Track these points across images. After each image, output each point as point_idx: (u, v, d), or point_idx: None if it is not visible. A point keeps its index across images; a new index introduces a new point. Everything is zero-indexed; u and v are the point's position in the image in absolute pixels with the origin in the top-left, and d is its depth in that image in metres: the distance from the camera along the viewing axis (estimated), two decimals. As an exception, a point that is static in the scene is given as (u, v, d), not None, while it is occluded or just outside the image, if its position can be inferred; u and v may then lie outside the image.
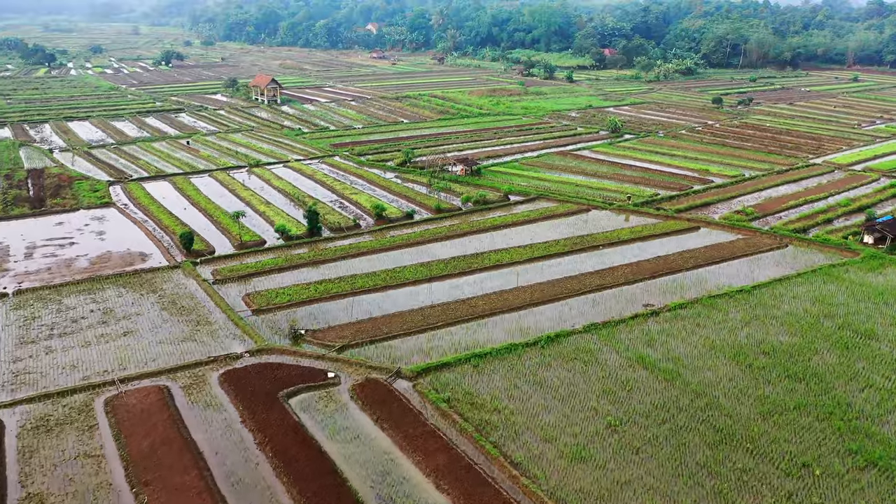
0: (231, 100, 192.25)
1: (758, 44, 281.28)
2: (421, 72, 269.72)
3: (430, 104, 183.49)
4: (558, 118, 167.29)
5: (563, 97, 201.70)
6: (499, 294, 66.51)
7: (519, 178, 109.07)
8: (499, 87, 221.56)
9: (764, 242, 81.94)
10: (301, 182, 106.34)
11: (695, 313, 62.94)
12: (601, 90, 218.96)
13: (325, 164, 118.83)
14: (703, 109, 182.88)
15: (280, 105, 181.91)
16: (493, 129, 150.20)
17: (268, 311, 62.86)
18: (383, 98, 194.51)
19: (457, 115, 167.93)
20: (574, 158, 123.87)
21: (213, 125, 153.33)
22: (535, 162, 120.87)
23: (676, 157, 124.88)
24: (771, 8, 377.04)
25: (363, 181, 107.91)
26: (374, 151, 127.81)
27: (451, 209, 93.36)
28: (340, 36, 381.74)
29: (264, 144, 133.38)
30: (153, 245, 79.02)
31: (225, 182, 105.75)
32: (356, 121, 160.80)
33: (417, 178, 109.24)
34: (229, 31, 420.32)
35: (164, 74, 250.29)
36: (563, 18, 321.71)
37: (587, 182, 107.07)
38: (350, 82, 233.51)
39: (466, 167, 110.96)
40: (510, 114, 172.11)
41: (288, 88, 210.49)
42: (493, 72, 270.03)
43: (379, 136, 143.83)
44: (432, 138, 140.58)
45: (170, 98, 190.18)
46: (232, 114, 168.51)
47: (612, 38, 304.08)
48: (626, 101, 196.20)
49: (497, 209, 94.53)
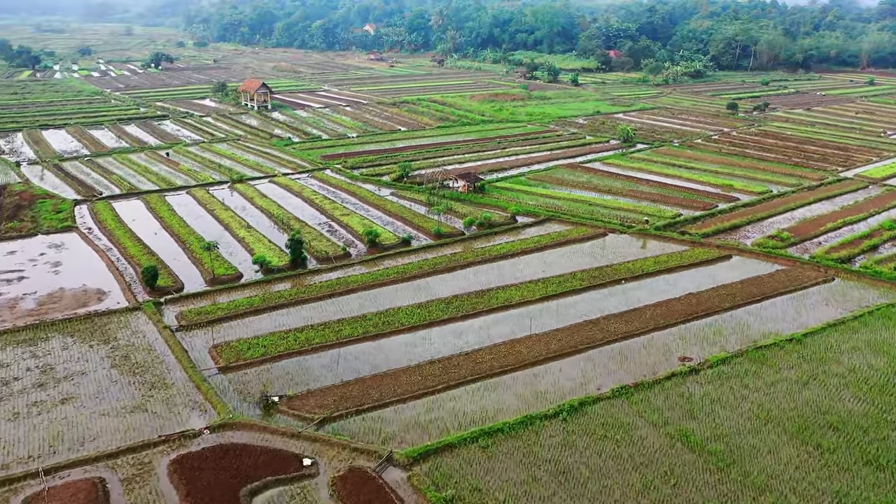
0: (220, 105, 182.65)
1: (768, 45, 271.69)
2: (420, 74, 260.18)
3: (429, 110, 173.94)
4: (565, 125, 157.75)
5: (568, 102, 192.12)
6: (509, 345, 56.94)
7: (526, 196, 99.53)
8: (501, 91, 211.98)
9: (807, 275, 72.34)
10: (287, 200, 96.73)
11: (741, 371, 53.35)
12: (608, 94, 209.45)
13: (314, 179, 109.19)
14: (717, 115, 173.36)
15: (271, 111, 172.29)
16: (496, 139, 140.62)
17: (238, 367, 53.26)
18: (380, 103, 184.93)
19: (457, 123, 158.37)
20: (585, 172, 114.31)
21: (197, 134, 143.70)
22: (543, 176, 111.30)
23: (695, 171, 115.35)
24: (779, 8, 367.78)
25: (356, 199, 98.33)
26: (368, 164, 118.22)
27: (452, 233, 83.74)
28: (337, 37, 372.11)
29: (250, 156, 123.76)
30: (114, 280, 69.39)
31: (203, 201, 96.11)
32: (350, 129, 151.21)
33: (415, 195, 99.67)
34: (223, 31, 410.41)
35: (153, 78, 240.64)
36: (566, 19, 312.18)
37: (601, 200, 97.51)
38: (346, 86, 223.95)
39: (469, 183, 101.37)
40: (514, 121, 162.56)
41: (280, 93, 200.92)
42: (494, 74, 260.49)
43: (374, 146, 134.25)
44: (431, 149, 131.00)
45: (155, 104, 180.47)
46: (219, 121, 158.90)
47: (617, 40, 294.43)
48: (636, 106, 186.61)
49: (503, 233, 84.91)
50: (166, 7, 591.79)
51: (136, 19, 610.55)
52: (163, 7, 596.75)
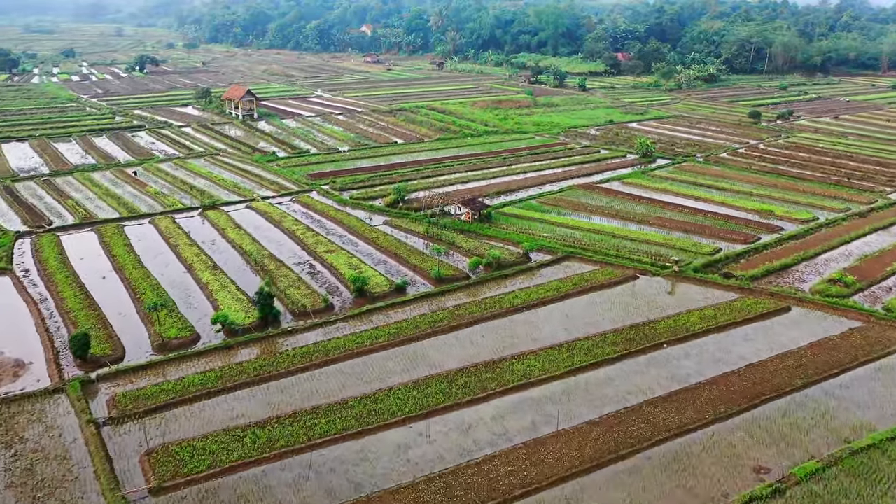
0: (202, 114, 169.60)
1: (784, 48, 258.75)
2: (418, 78, 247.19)
3: (427, 119, 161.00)
4: (576, 137, 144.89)
5: (577, 110, 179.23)
6: (531, 447, 44.07)
7: (539, 225, 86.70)
8: (504, 97, 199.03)
9: (889, 337, 59.51)
10: (264, 232, 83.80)
11: (839, 489, 40.52)
12: (618, 100, 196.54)
13: (298, 204, 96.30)
14: (739, 125, 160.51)
15: (257, 120, 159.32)
16: (502, 153, 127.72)
17: (174, 487, 40.40)
18: (375, 111, 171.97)
19: (459, 134, 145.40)
20: (603, 194, 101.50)
21: (173, 147, 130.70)
22: (557, 199, 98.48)
23: (727, 192, 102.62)
24: (790, 8, 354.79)
25: (343, 229, 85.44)
26: (359, 185, 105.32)
27: (455, 277, 70.84)
28: (333, 38, 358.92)
29: (228, 175, 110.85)
30: (40, 345, 56.50)
31: (167, 232, 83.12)
32: (342, 141, 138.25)
33: (412, 224, 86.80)
34: (215, 32, 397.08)
35: (136, 82, 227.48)
36: (571, 20, 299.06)
37: (626, 231, 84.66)
38: (340, 91, 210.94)
39: (473, 210, 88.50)
40: (520, 132, 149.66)
41: (269, 99, 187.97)
42: (496, 78, 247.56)
43: (367, 161, 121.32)
44: (430, 165, 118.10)
45: (132, 112, 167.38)
46: (199, 132, 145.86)
47: (625, 42, 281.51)
48: (650, 114, 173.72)
49: (516, 276, 72.00)
50: (159, 7, 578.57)
51: (128, 20, 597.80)
52: (155, 7, 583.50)
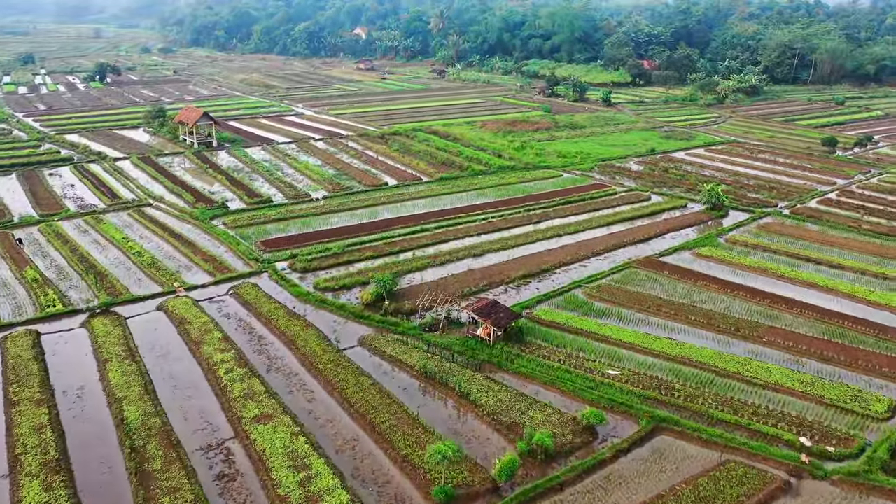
0: (153, 139, 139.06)
1: (831, 54, 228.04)
2: (416, 90, 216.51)
3: (427, 147, 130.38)
4: (614, 173, 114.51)
5: (607, 133, 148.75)
6: None
7: (596, 345, 56.63)
8: (518, 114, 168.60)
9: None
10: (168, 366, 53.42)
11: None
12: (653, 119, 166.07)
13: (236, 301, 65.84)
14: (810, 154, 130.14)
15: (215, 149, 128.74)
16: (524, 202, 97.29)
17: None
18: (364, 136, 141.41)
19: (467, 171, 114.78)
20: (675, 276, 71.14)
21: (96, 193, 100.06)
22: (612, 289, 68.14)
23: (848, 272, 72.72)
24: (823, 8, 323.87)
25: (295, 358, 55.17)
26: (331, 260, 74.81)
27: (471, 494, 40.35)
28: (324, 42, 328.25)
29: (152, 243, 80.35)
30: None
31: (13, 371, 52.70)
32: (318, 181, 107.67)
33: (401, 351, 56.36)
34: (197, 35, 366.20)
35: (89, 96, 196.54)
36: (588, 22, 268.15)
37: (730, 359, 54.45)
38: (324, 106, 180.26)
39: (495, 323, 57.97)
40: (543, 165, 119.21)
41: (240, 118, 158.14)
42: (506, 89, 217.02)
43: (346, 217, 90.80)
44: (430, 223, 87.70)
45: (66, 137, 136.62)
46: (138, 168, 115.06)
47: (649, 47, 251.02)
48: (698, 140, 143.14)
49: (578, 481, 41.58)
50: (142, 7, 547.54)
51: (111, 20, 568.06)
52: (139, 7, 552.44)
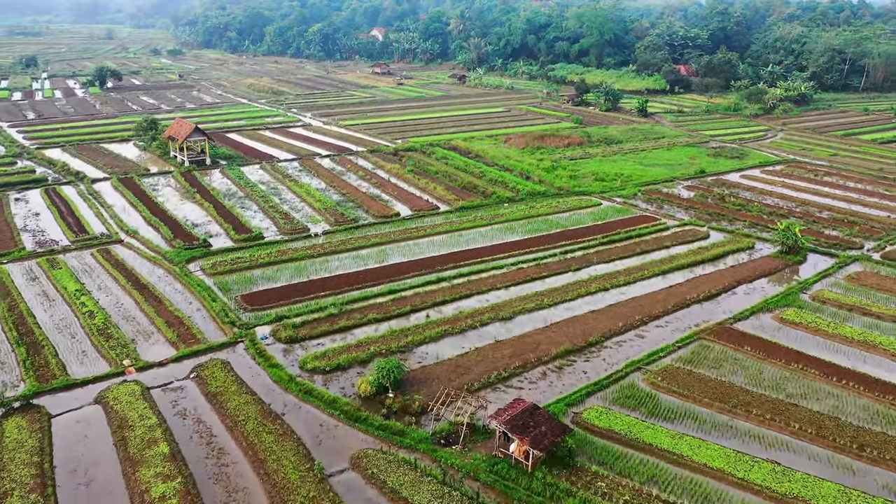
0: (142, 155, 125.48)
1: (885, 59, 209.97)
2: (434, 97, 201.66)
3: (445, 167, 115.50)
4: (661, 201, 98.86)
5: (647, 149, 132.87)
6: None
7: (669, 476, 41.66)
8: (546, 125, 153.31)
9: None
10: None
11: None
12: (697, 133, 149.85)
13: (197, 388, 51.11)
14: (884, 178, 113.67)
15: (208, 168, 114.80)
16: (558, 241, 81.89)
17: None
18: (375, 152, 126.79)
19: (491, 198, 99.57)
20: (759, 354, 55.61)
21: (60, 226, 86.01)
22: (680, 377, 52.70)
23: None
24: (869, 9, 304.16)
25: (265, 494, 40.35)
26: (324, 326, 60.05)
27: None
28: (339, 44, 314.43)
29: (110, 296, 65.89)
30: None
31: None
32: (319, 210, 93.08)
33: (409, 485, 41.37)
34: (209, 36, 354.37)
35: (84, 103, 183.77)
36: (618, 24, 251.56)
37: (854, 499, 39.13)
38: (335, 116, 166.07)
39: (534, 443, 42.57)
40: (578, 191, 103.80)
41: (239, 130, 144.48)
42: (531, 96, 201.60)
43: (349, 259, 76.06)
44: (448, 268, 72.71)
45: (46, 153, 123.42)
46: (117, 192, 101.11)
47: (685, 51, 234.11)
48: (750, 158, 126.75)
49: None
50: (158, 7, 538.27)
51: (127, 20, 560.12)
52: (154, 7, 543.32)
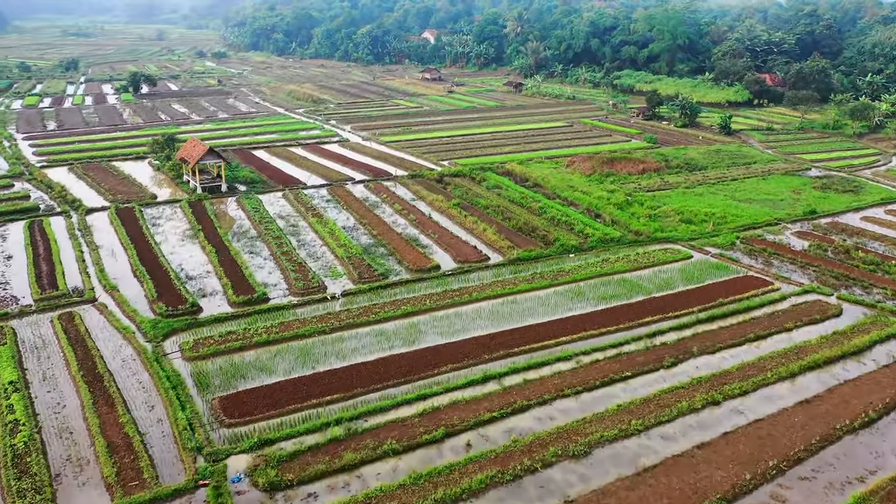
0: (156, 175, 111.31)
1: None
2: (487, 107, 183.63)
3: (497, 200, 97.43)
4: (769, 254, 78.53)
5: (738, 177, 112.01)
6: None
7: None
8: (615, 145, 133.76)
9: None
10: None
11: None
12: (793, 156, 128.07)
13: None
14: None
15: (223, 195, 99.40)
16: (641, 315, 62.68)
17: None
18: (416, 177, 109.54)
19: (552, 246, 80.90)
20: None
21: (28, 276, 71.00)
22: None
23: None
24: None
25: None
26: (322, 460, 42.55)
27: None
28: (388, 46, 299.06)
29: (41, 403, 50.10)
30: None
31: None
32: (342, 259, 75.90)
33: None
34: (256, 38, 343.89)
35: (112, 111, 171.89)
36: (692, 27, 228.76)
37: None
38: (378, 129, 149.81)
39: None
40: (660, 236, 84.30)
41: (268, 146, 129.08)
42: (595, 108, 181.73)
43: (367, 337, 58.50)
44: (497, 357, 54.51)
45: (49, 174, 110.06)
46: (111, 227, 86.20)
47: (768, 57, 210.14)
48: (870, 192, 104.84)
49: None
50: (212, 7, 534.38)
51: (181, 21, 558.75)
52: (207, 8, 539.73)
